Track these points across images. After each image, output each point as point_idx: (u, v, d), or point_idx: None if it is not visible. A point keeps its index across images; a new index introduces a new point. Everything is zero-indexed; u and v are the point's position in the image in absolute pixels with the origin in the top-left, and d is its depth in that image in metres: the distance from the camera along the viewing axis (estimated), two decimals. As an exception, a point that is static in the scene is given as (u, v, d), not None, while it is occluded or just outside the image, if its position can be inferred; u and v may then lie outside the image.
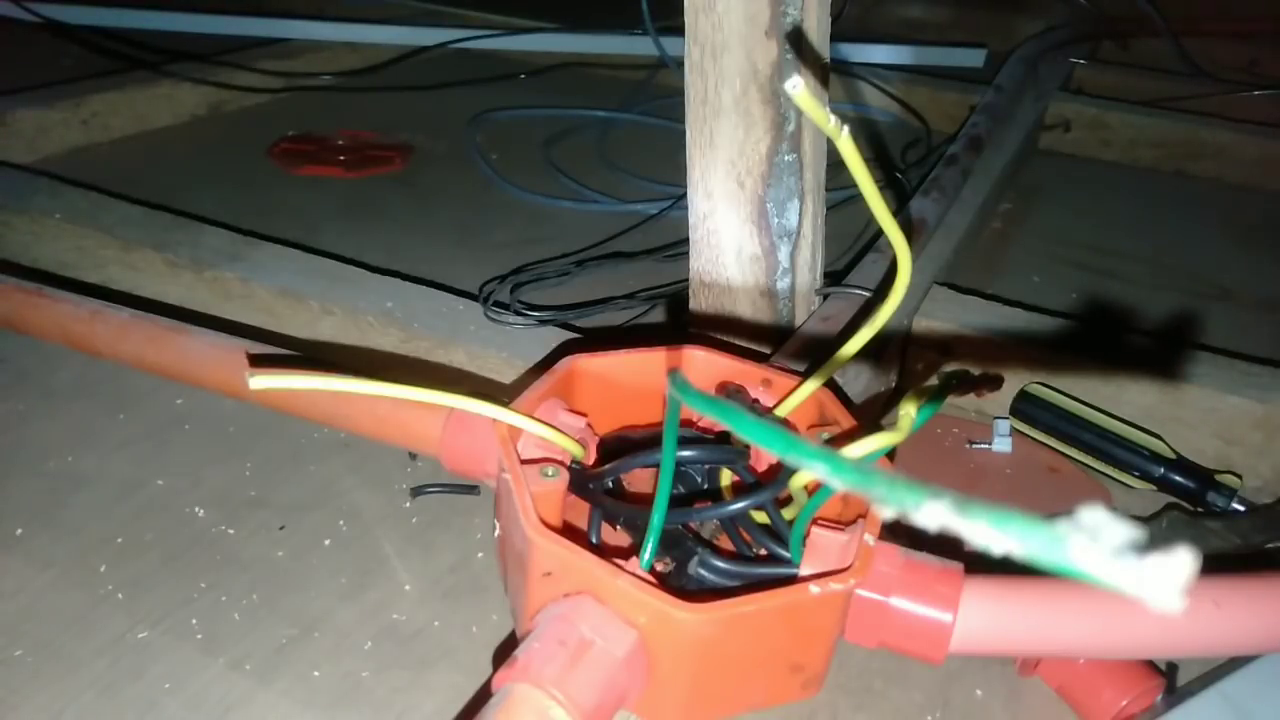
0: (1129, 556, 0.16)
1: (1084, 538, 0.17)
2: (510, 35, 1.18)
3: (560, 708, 0.29)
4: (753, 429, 0.24)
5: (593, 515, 0.39)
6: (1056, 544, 0.17)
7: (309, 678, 0.39)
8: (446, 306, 0.58)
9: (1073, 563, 0.17)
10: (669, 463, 0.35)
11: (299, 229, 0.74)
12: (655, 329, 0.63)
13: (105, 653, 0.40)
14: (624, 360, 0.43)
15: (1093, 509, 0.17)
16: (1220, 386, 0.52)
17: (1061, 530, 0.17)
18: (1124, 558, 0.16)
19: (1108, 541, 0.17)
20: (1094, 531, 0.17)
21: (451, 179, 0.90)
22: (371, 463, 0.51)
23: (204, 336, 0.52)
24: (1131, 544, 0.16)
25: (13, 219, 0.70)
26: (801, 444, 0.22)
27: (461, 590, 0.43)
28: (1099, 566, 0.16)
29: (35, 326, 0.56)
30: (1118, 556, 0.16)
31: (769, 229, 0.49)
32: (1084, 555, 0.17)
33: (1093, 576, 0.17)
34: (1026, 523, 0.17)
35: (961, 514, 0.18)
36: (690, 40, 0.46)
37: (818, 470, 0.22)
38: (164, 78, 1.00)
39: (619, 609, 0.31)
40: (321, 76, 1.11)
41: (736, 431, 0.25)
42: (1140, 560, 0.16)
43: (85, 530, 0.46)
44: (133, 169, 0.88)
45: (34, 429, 0.53)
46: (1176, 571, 0.16)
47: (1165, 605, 0.16)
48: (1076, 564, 0.17)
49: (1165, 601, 0.16)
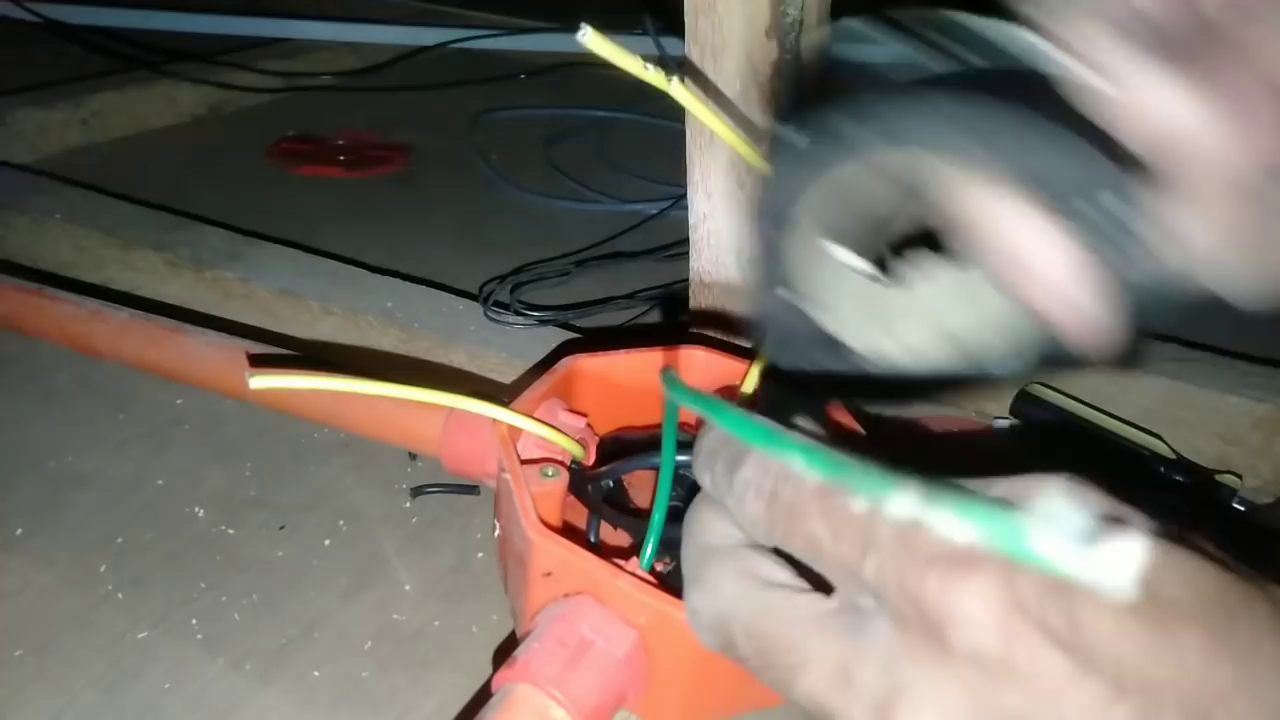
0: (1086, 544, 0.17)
1: (1042, 525, 0.17)
2: (510, 35, 1.17)
3: (560, 708, 0.29)
4: (732, 421, 0.24)
5: (592, 515, 0.39)
6: (1017, 533, 0.17)
7: (309, 678, 0.39)
8: (446, 306, 0.58)
9: (1031, 552, 0.17)
10: (668, 464, 0.35)
11: (299, 229, 0.74)
12: (655, 329, 0.63)
13: (105, 653, 0.40)
14: (624, 360, 0.43)
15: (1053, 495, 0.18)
16: (1220, 386, 0.52)
17: (1021, 519, 0.17)
18: (1081, 545, 0.17)
19: (1065, 529, 0.17)
20: (1051, 519, 0.17)
21: (451, 179, 0.89)
22: (371, 463, 0.51)
23: (204, 336, 0.52)
24: (1088, 532, 0.17)
25: (13, 219, 0.70)
26: (779, 436, 0.23)
27: (461, 590, 0.43)
28: (1056, 554, 0.17)
29: (35, 326, 0.56)
30: (1075, 543, 0.17)
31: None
32: (1043, 543, 0.17)
33: (1049, 564, 0.17)
34: (987, 512, 0.18)
35: (928, 504, 0.19)
36: (690, 40, 0.46)
37: (794, 461, 0.22)
38: (164, 78, 1.00)
39: (619, 609, 0.31)
40: (321, 76, 1.11)
41: (718, 423, 0.25)
42: (1096, 547, 0.17)
43: (85, 530, 0.46)
44: (133, 169, 0.88)
45: (34, 429, 0.53)
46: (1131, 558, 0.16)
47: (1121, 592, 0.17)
48: (1035, 553, 0.17)
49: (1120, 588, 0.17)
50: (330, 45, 1.15)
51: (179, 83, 1.01)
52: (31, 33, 1.10)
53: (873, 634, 0.21)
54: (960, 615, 0.19)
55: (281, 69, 1.08)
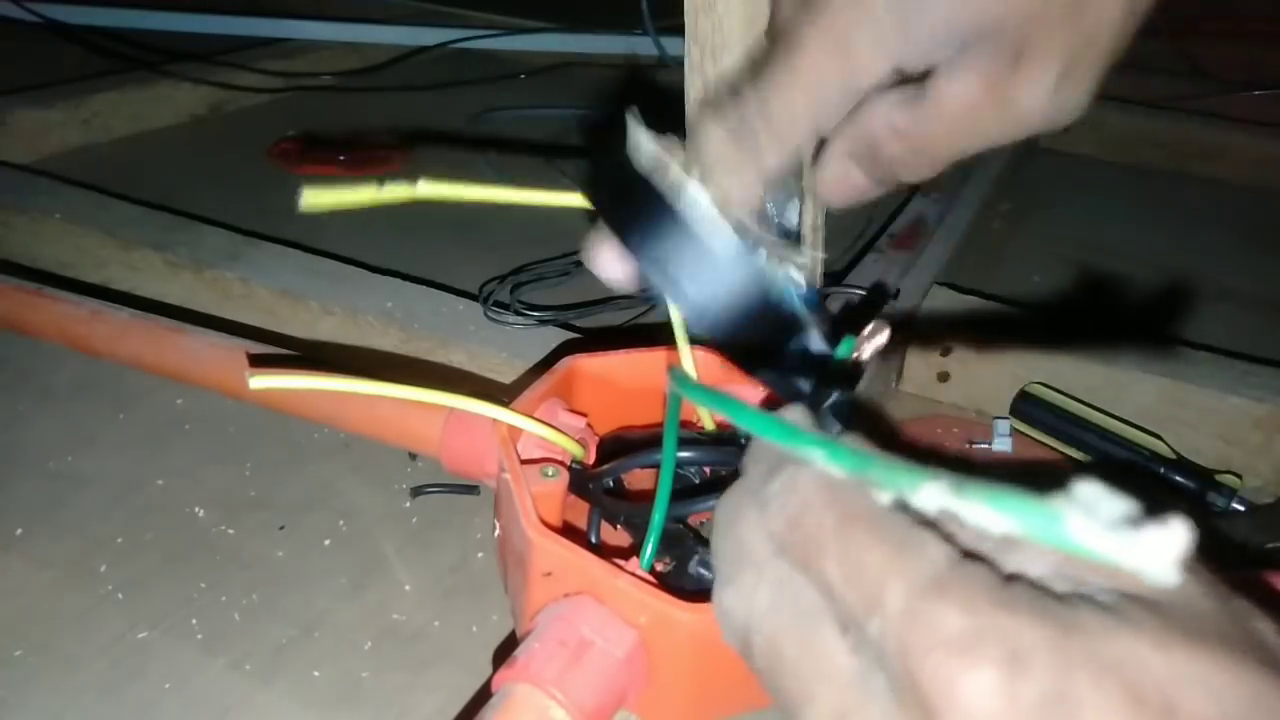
0: (1126, 530, 0.16)
1: (1080, 513, 0.17)
2: (510, 35, 1.17)
3: (560, 708, 0.29)
4: (752, 419, 0.24)
5: (592, 515, 0.39)
6: (1053, 521, 0.17)
7: (309, 678, 0.39)
8: (446, 306, 0.58)
9: (1070, 539, 0.17)
10: (669, 461, 0.35)
11: (299, 229, 0.74)
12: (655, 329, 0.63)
13: (105, 653, 0.40)
14: (624, 360, 0.43)
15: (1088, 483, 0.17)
16: (1220, 386, 0.52)
17: (1057, 507, 0.17)
18: (1120, 531, 0.16)
19: (1104, 515, 0.16)
20: (1089, 506, 0.17)
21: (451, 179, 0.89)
22: (371, 463, 0.51)
23: (204, 336, 0.52)
24: (1127, 517, 0.16)
25: (13, 219, 0.70)
26: (802, 433, 0.22)
27: (461, 590, 0.43)
28: (1096, 541, 0.16)
29: (35, 326, 0.56)
30: (1114, 530, 0.16)
31: (769, 229, 0.49)
32: (1081, 531, 0.17)
33: (1091, 551, 0.17)
34: (1022, 501, 0.17)
35: (958, 495, 0.18)
36: (690, 40, 0.46)
37: (817, 458, 0.22)
38: (164, 78, 1.00)
39: (619, 609, 0.31)
40: (321, 76, 1.11)
41: (736, 422, 0.25)
42: (1137, 533, 0.16)
43: (85, 530, 0.46)
44: (133, 169, 0.88)
45: (34, 429, 0.53)
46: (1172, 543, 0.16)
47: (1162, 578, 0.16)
48: (1074, 540, 0.17)
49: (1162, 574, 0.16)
50: (330, 45, 1.15)
51: (179, 83, 1.01)
52: (31, 33, 1.10)
53: (875, 691, 0.21)
54: (955, 707, 0.19)
55: (281, 69, 1.08)
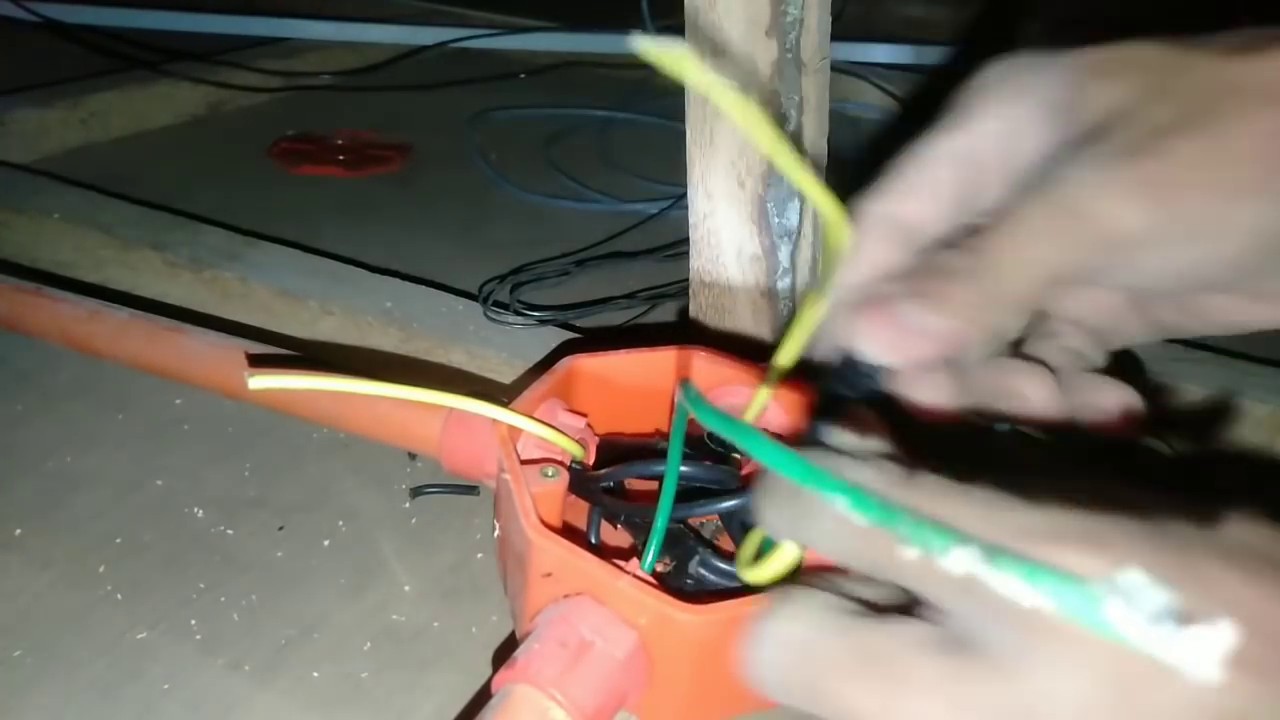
0: (1167, 622, 0.16)
1: (1121, 600, 0.16)
2: (510, 35, 1.17)
3: (560, 709, 0.29)
4: (769, 453, 0.22)
5: (592, 515, 0.39)
6: (1092, 605, 0.16)
7: (308, 678, 0.39)
8: (446, 306, 0.58)
9: (1108, 625, 0.16)
10: (673, 469, 0.34)
11: (299, 229, 0.74)
12: (655, 329, 0.63)
13: (105, 653, 0.40)
14: (624, 361, 0.43)
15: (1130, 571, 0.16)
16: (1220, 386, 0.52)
17: (1098, 590, 0.16)
18: (1162, 623, 0.16)
19: (1145, 606, 0.16)
20: (1130, 594, 0.16)
21: (451, 179, 0.89)
22: (371, 463, 0.51)
23: (203, 336, 0.52)
24: (1170, 610, 0.16)
25: (12, 219, 0.70)
26: (823, 474, 0.21)
27: (461, 590, 0.43)
28: (1136, 631, 0.16)
29: (35, 326, 0.56)
30: (1156, 622, 0.16)
31: (769, 229, 0.49)
32: (1121, 619, 0.16)
33: (1129, 640, 0.16)
34: (1060, 580, 0.16)
35: (990, 564, 0.17)
36: (690, 40, 0.45)
37: (839, 504, 0.20)
38: (163, 77, 1.00)
39: (619, 610, 0.31)
40: (321, 76, 1.11)
41: (752, 455, 0.23)
42: (1179, 628, 0.15)
43: (85, 530, 0.46)
44: (133, 169, 0.88)
45: (34, 429, 0.53)
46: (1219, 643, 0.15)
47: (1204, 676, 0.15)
48: (1113, 627, 0.16)
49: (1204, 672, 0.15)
50: (330, 45, 1.15)
51: (178, 82, 1.01)
52: (30, 32, 1.10)
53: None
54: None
55: (281, 69, 1.08)
